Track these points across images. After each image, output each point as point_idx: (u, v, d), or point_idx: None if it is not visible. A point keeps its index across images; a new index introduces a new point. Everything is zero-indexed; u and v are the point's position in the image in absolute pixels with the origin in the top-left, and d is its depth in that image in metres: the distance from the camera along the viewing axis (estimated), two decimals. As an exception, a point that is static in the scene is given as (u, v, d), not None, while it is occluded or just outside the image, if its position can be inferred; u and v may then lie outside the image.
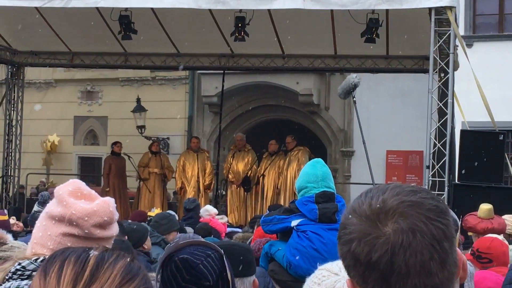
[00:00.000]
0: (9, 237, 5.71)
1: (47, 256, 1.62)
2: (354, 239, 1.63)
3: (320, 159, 6.58)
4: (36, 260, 2.48)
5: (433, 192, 1.65)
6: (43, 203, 9.40)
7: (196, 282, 2.67)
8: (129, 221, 9.48)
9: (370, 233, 1.60)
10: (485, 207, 7.78)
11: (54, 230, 2.60)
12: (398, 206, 1.61)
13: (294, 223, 6.22)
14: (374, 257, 1.59)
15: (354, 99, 13.93)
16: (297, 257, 6.14)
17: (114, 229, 2.66)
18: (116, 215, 2.66)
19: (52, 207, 2.64)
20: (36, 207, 12.52)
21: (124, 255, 1.58)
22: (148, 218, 11.15)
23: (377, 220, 1.61)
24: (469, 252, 6.01)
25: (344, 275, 3.01)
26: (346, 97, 14.72)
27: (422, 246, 1.58)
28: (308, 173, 6.33)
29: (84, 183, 2.71)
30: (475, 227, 7.63)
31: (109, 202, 2.65)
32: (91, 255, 1.55)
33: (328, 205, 6.18)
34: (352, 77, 13.84)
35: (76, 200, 2.60)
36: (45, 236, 2.62)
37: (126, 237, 6.99)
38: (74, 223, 2.57)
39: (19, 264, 2.47)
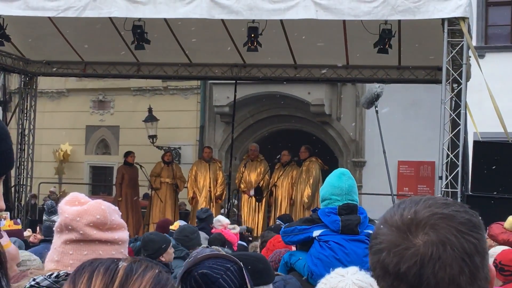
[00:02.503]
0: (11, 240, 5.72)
1: (76, 267, 1.62)
2: (384, 249, 1.62)
3: (347, 170, 6.53)
4: (50, 276, 2.49)
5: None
6: (48, 212, 9.51)
7: None
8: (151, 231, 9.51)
9: (399, 244, 1.60)
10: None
11: (57, 242, 2.64)
12: (430, 218, 1.60)
13: (316, 233, 6.18)
14: (402, 268, 1.58)
15: (377, 109, 13.93)
16: (319, 267, 6.11)
17: (117, 234, 2.64)
18: (113, 216, 2.64)
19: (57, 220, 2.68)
20: (44, 216, 12.54)
21: (152, 266, 1.58)
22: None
23: (408, 231, 1.61)
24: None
25: (349, 277, 3.08)
26: (369, 107, 14.75)
27: (452, 259, 1.57)
28: (333, 185, 6.28)
29: (84, 195, 2.72)
30: (497, 236, 7.64)
31: (102, 202, 2.66)
32: (120, 266, 1.55)
33: (351, 217, 6.16)
34: (375, 86, 13.85)
35: (71, 206, 2.63)
36: (52, 250, 2.66)
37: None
38: (70, 227, 2.59)
39: (34, 280, 2.49)
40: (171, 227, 11.46)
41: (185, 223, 13.04)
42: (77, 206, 2.62)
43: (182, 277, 2.71)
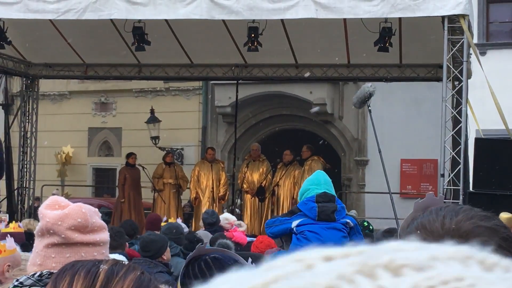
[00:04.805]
0: (17, 247, 5.74)
1: (58, 269, 1.61)
2: None
3: (322, 171, 6.73)
4: (33, 275, 2.50)
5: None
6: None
7: None
8: (149, 231, 9.54)
9: None
10: (504, 216, 7.77)
11: (39, 246, 2.65)
12: (473, 230, 1.59)
13: (294, 223, 6.27)
14: None
15: (370, 108, 13.93)
16: None
17: (99, 236, 2.66)
18: (94, 219, 2.66)
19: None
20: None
21: (134, 268, 1.57)
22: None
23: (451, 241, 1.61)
24: None
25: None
26: (361, 107, 14.73)
27: None
28: (310, 179, 6.48)
29: (63, 198, 2.74)
30: None
31: (82, 205, 2.68)
32: (101, 269, 1.54)
33: (327, 204, 6.25)
34: (367, 86, 13.84)
35: (52, 211, 2.64)
36: (34, 254, 2.68)
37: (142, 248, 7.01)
38: (51, 231, 2.60)
39: (17, 280, 2.50)
40: (163, 224, 11.41)
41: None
42: (57, 210, 2.63)
43: (191, 259, 2.75)
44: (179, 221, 12.46)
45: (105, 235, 2.68)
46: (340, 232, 6.21)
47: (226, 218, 12.29)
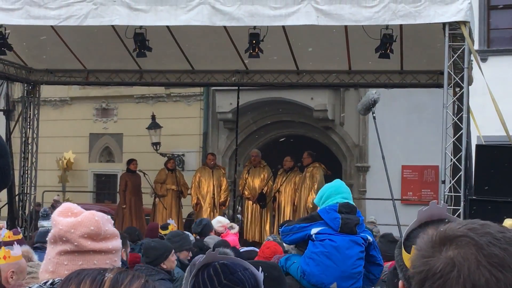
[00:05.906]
0: (35, 256, 5.73)
1: (63, 278, 1.62)
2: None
3: (340, 180, 6.64)
4: (45, 283, 2.51)
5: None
6: (45, 218, 9.54)
7: (232, 287, 2.72)
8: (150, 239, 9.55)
9: (428, 255, 1.60)
10: (509, 222, 7.76)
11: (51, 253, 2.66)
12: (460, 237, 1.55)
13: (314, 230, 6.13)
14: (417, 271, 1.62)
15: (374, 115, 13.92)
16: (311, 266, 6.10)
17: (111, 243, 2.67)
18: (107, 227, 2.66)
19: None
20: (39, 222, 12.56)
21: (138, 276, 1.58)
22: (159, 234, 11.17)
23: (440, 243, 1.59)
24: None
25: None
26: (366, 113, 14.76)
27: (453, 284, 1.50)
28: (332, 186, 6.37)
29: (76, 205, 2.75)
30: None
31: (95, 213, 2.68)
32: (106, 277, 1.55)
33: (351, 216, 6.16)
34: (372, 93, 13.85)
35: (65, 218, 2.65)
36: (46, 261, 2.68)
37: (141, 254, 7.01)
38: (64, 239, 2.61)
39: None
40: (166, 229, 11.40)
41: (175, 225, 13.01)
42: (70, 217, 2.64)
43: (201, 267, 2.77)
44: (171, 221, 12.51)
45: (117, 243, 2.69)
46: (359, 247, 6.16)
47: (219, 221, 12.29)
